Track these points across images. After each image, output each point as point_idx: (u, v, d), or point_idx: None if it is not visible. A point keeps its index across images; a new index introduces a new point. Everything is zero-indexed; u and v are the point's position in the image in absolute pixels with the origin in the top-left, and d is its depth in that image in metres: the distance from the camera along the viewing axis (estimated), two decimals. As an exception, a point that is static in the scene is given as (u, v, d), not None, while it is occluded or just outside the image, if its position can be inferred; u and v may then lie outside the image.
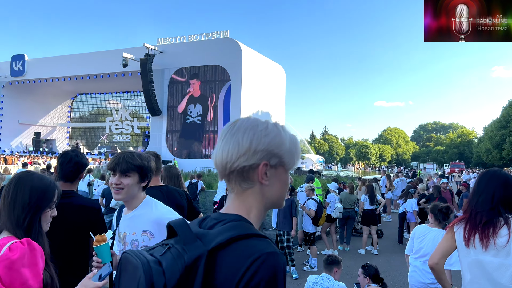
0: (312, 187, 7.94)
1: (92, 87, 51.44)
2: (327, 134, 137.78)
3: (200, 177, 11.16)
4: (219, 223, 1.08)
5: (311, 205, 7.64)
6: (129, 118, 51.90)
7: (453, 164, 69.36)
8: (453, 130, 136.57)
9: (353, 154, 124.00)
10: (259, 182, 1.12)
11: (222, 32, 37.30)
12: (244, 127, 1.12)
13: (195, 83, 38.01)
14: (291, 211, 7.16)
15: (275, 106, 43.19)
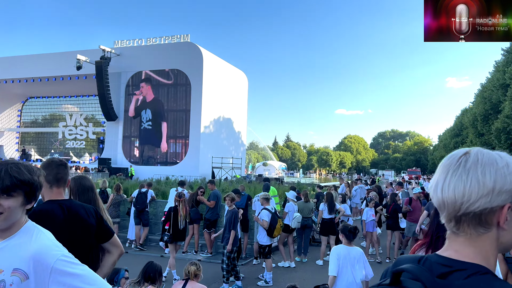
0: (266, 196, 7.40)
1: (44, 90, 48.77)
2: (290, 141, 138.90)
3: (150, 185, 10.35)
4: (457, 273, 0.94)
5: (264, 215, 7.10)
6: (83, 123, 49.60)
7: (410, 171, 71.58)
8: (410, 138, 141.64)
9: (314, 161, 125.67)
10: (498, 226, 0.98)
11: (183, 36, 36.42)
12: (482, 162, 0.98)
13: (148, 87, 36.84)
14: (230, 224, 6.63)
15: (237, 112, 42.66)
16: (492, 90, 33.19)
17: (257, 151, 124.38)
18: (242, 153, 44.37)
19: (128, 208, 10.29)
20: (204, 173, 33.38)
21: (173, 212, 7.21)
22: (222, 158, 35.70)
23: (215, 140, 37.41)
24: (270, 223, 7.03)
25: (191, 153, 34.79)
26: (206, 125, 35.75)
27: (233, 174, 35.89)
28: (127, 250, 9.53)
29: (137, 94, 36.95)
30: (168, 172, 31.81)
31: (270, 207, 7.40)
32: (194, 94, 34.97)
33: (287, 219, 8.66)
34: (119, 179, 26.53)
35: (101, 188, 10.59)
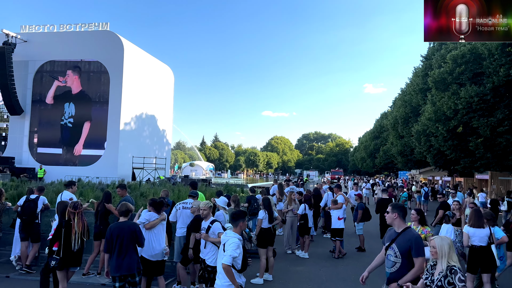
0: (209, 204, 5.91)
1: None
2: (218, 141, 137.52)
3: (42, 190, 8.22)
4: None
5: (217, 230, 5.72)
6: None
7: (334, 172, 73.81)
8: (332, 140, 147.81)
9: (242, 162, 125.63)
10: None
11: (101, 24, 33.28)
12: None
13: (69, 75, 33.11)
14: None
15: (161, 109, 40.22)
16: (412, 95, 34.80)
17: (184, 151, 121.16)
18: (167, 153, 42.00)
19: (13, 219, 8.16)
20: (124, 174, 30.70)
21: (64, 228, 5.50)
22: (144, 158, 33.24)
23: (137, 138, 34.73)
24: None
25: (109, 152, 31.80)
26: (127, 121, 32.99)
27: (156, 175, 33.57)
28: (8, 274, 7.48)
29: (59, 80, 32.93)
30: (83, 173, 28.69)
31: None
32: (113, 87, 32.04)
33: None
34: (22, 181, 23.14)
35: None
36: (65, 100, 33.22)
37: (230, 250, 4.31)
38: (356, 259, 10.00)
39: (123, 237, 5.16)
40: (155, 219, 6.03)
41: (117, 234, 5.17)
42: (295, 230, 10.59)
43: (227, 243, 4.38)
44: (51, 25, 33.87)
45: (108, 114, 31.93)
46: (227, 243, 4.40)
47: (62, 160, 32.81)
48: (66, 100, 33.22)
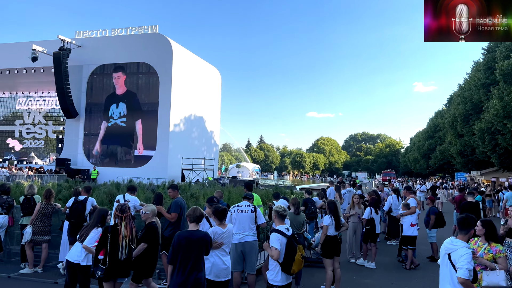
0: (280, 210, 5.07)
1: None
2: (263, 142, 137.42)
3: (89, 191, 7.82)
4: None
5: (274, 241, 4.82)
6: (42, 121, 45.88)
7: (385, 173, 70.90)
8: (381, 140, 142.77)
9: (288, 163, 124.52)
10: None
11: (151, 27, 33.70)
12: None
13: (120, 76, 33.80)
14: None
15: (209, 110, 40.19)
16: (473, 90, 32.25)
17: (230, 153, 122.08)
18: (214, 154, 41.94)
19: (62, 221, 7.83)
20: (173, 175, 30.78)
21: (111, 234, 4.96)
22: (193, 159, 33.24)
23: (186, 139, 34.83)
24: (286, 253, 4.76)
25: (159, 153, 32.06)
26: (176, 123, 33.13)
27: (205, 176, 33.46)
28: (56, 280, 7.10)
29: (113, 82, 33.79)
30: (135, 174, 29.06)
31: (285, 228, 5.00)
32: (162, 89, 32.30)
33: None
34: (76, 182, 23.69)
35: (26, 194, 8.07)
36: (115, 101, 33.91)
37: (464, 262, 3.76)
38: (432, 271, 8.80)
39: (193, 249, 4.49)
40: (222, 232, 5.13)
41: (185, 244, 4.49)
42: (358, 237, 9.58)
43: (457, 254, 3.85)
44: (103, 29, 34.84)
45: (158, 116, 32.21)
46: (455, 253, 3.88)
47: (115, 161, 33.50)
48: (115, 102, 33.91)
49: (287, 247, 4.77)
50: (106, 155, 33.89)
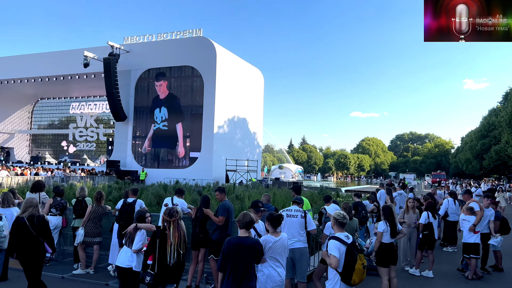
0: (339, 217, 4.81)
1: (54, 90, 47.42)
2: (306, 143, 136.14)
3: (136, 193, 7.88)
4: None
5: (333, 248, 4.54)
6: (94, 124, 47.99)
7: (435, 174, 67.75)
8: (429, 140, 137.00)
9: (331, 164, 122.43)
10: None
11: (195, 30, 34.25)
12: None
13: (162, 84, 34.68)
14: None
15: (252, 112, 40.24)
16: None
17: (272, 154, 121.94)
18: (258, 155, 41.92)
19: (112, 224, 7.94)
20: (218, 176, 31.07)
21: (159, 238, 4.87)
22: (236, 161, 33.38)
23: (229, 141, 35.06)
24: (346, 262, 4.50)
25: (204, 154, 32.47)
26: (220, 125, 33.42)
27: (248, 177, 33.49)
28: (107, 281, 7.19)
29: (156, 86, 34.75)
30: (180, 175, 29.61)
31: (344, 235, 4.73)
32: (207, 91, 32.71)
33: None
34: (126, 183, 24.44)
35: (77, 197, 8.29)
36: (158, 106, 34.76)
37: None
38: (497, 282, 8.10)
39: (243, 257, 4.32)
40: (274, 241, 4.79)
41: (235, 251, 4.33)
42: (414, 243, 9.03)
43: None
44: (149, 35, 35.82)
45: (203, 117, 32.65)
46: None
47: (161, 163, 34.31)
48: (158, 106, 34.75)
49: (347, 255, 4.48)
50: (153, 157, 34.80)
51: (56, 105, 52.40)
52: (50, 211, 8.37)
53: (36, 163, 41.66)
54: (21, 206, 5.88)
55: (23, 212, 5.58)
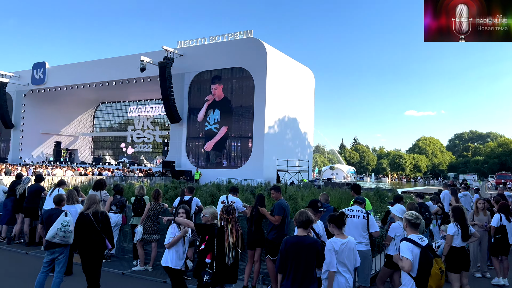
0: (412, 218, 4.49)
1: (114, 95, 49.95)
2: (358, 143, 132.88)
3: (192, 191, 7.96)
4: None
5: (405, 251, 4.23)
6: (150, 126, 49.91)
7: (500, 175, 63.23)
8: (492, 139, 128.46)
9: (386, 165, 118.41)
10: None
11: (246, 32, 34.52)
12: None
13: (217, 87, 35.24)
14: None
15: (303, 112, 39.82)
16: None
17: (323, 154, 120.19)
18: (309, 156, 41.40)
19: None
20: (269, 176, 31.02)
21: (217, 237, 4.80)
22: (287, 161, 33.14)
23: (280, 141, 34.90)
24: (420, 266, 4.16)
25: (255, 155, 32.57)
26: (270, 125, 33.37)
27: (300, 177, 33.13)
28: (165, 279, 7.28)
29: (209, 100, 35.47)
30: (232, 176, 29.92)
31: (418, 237, 4.37)
32: (257, 92, 32.80)
33: (392, 247, 5.83)
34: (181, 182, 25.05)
35: (136, 195, 8.51)
36: (211, 108, 35.34)
37: None
38: None
39: (302, 257, 4.13)
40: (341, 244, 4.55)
41: (293, 251, 4.16)
42: (485, 247, 8.34)
43: None
44: (202, 38, 36.59)
45: (254, 118, 32.78)
46: None
47: (214, 163, 34.86)
48: (211, 108, 35.32)
49: (421, 259, 4.13)
50: (206, 157, 35.45)
51: (116, 109, 55.19)
52: (110, 208, 8.68)
53: (97, 163, 44.01)
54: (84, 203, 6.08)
55: (87, 208, 5.76)
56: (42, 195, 10.38)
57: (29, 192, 10.26)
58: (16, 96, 47.43)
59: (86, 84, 43.10)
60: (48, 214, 6.33)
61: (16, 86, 46.88)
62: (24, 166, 31.58)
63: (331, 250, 4.30)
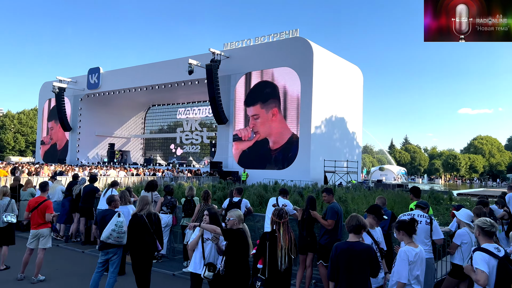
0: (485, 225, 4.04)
1: (163, 97, 51.48)
2: (408, 143, 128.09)
3: (241, 192, 7.81)
4: None
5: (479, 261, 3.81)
6: (198, 128, 50.91)
7: None
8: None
9: (439, 165, 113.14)
10: None
11: (291, 31, 34.21)
12: None
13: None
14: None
15: (351, 111, 38.83)
16: None
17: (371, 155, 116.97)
18: (357, 156, 40.31)
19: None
20: (316, 177, 30.49)
21: (269, 241, 4.62)
22: (335, 162, 32.41)
23: (327, 141, 34.22)
24: (498, 280, 3.74)
25: (301, 155, 32.15)
26: (317, 125, 32.81)
27: (348, 179, 32.27)
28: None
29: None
30: (278, 176, 29.73)
31: (494, 247, 3.92)
32: (304, 91, 32.37)
33: (457, 255, 5.38)
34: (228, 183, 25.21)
35: (186, 196, 8.55)
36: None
37: None
38: None
39: (354, 265, 3.88)
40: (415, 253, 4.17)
41: (344, 258, 3.91)
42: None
43: None
44: (248, 39, 36.73)
45: (300, 117, 32.38)
46: None
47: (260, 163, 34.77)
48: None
49: (499, 271, 3.71)
50: (251, 158, 35.47)
51: (165, 111, 56.94)
52: (161, 209, 8.78)
53: (148, 164, 45.51)
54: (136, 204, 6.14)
55: (141, 210, 5.80)
56: (96, 196, 10.75)
57: (84, 192, 10.67)
58: (73, 100, 50.17)
59: (138, 88, 44.71)
60: (102, 215, 6.46)
61: (73, 91, 49.59)
62: (80, 167, 33.24)
63: (404, 260, 3.96)
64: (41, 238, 7.33)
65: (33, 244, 7.36)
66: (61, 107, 46.92)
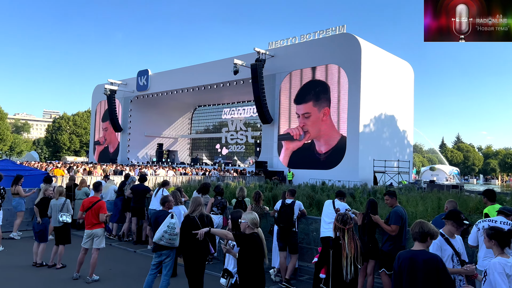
0: None
1: (209, 98, 52.16)
2: (461, 142, 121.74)
3: (294, 194, 7.37)
4: None
5: None
6: (243, 127, 51.09)
7: None
8: None
9: (495, 165, 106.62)
10: None
11: (338, 27, 33.32)
12: None
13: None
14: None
15: (401, 109, 37.25)
16: None
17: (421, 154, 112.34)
18: (408, 155, 38.62)
19: (271, 225, 7.69)
20: (365, 178, 29.48)
21: (332, 249, 4.24)
22: (385, 161, 31.19)
23: (376, 140, 32.99)
24: None
25: (349, 155, 31.20)
26: (366, 123, 31.72)
27: (399, 179, 30.93)
28: (268, 285, 6.92)
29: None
30: (325, 176, 29.02)
31: None
32: (351, 89, 31.40)
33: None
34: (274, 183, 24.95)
35: (237, 197, 8.33)
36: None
37: None
38: None
39: (418, 277, 3.46)
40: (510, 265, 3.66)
41: (407, 269, 3.50)
42: None
43: None
44: (293, 37, 36.25)
45: (347, 116, 31.46)
46: None
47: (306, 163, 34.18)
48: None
49: None
50: (298, 158, 34.95)
51: (211, 112, 57.75)
52: (212, 210, 8.63)
53: (195, 164, 46.24)
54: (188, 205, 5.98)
55: (193, 211, 5.64)
56: (148, 196, 10.82)
57: (136, 192, 10.75)
58: (123, 102, 52.02)
59: (185, 89, 45.53)
60: (155, 216, 6.38)
61: (124, 93, 51.41)
62: (131, 167, 34.31)
63: (502, 273, 3.45)
64: (95, 238, 7.39)
65: (87, 244, 7.44)
66: (112, 108, 48.78)
